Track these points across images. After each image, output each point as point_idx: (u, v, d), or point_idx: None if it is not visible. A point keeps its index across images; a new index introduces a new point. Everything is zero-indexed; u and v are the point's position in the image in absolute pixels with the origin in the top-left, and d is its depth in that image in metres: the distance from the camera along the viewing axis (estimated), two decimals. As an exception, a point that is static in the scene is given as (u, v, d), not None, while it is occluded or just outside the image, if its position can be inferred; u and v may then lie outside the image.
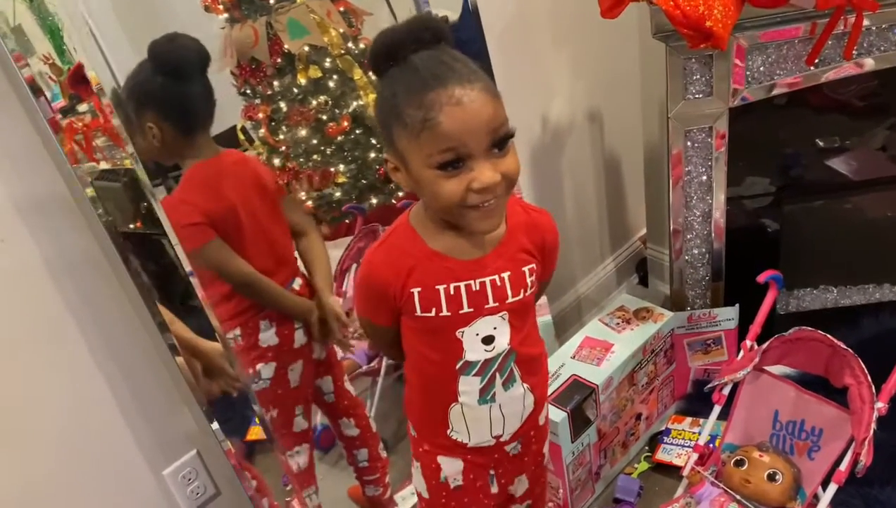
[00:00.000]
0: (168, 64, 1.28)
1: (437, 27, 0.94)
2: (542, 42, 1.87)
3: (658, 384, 1.83)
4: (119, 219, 1.21)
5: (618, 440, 1.78)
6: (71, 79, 1.14)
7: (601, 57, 1.99)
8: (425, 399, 1.17)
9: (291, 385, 1.49)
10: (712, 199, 1.70)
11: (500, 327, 1.08)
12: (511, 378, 1.12)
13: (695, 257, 1.79)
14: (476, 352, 1.08)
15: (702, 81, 1.57)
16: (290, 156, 1.90)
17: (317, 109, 1.84)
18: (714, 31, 1.41)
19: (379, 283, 1.06)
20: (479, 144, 0.91)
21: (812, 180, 1.94)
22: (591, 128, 2.08)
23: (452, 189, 0.93)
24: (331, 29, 1.83)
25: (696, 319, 1.80)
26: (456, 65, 0.92)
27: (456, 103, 0.89)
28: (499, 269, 1.06)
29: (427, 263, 1.04)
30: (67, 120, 1.14)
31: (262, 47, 1.72)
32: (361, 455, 1.70)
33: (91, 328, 1.24)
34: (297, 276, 1.51)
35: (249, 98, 1.83)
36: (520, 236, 1.09)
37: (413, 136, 0.91)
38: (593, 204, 2.19)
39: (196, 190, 1.34)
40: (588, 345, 1.73)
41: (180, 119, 1.32)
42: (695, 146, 1.64)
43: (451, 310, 1.05)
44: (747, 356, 1.45)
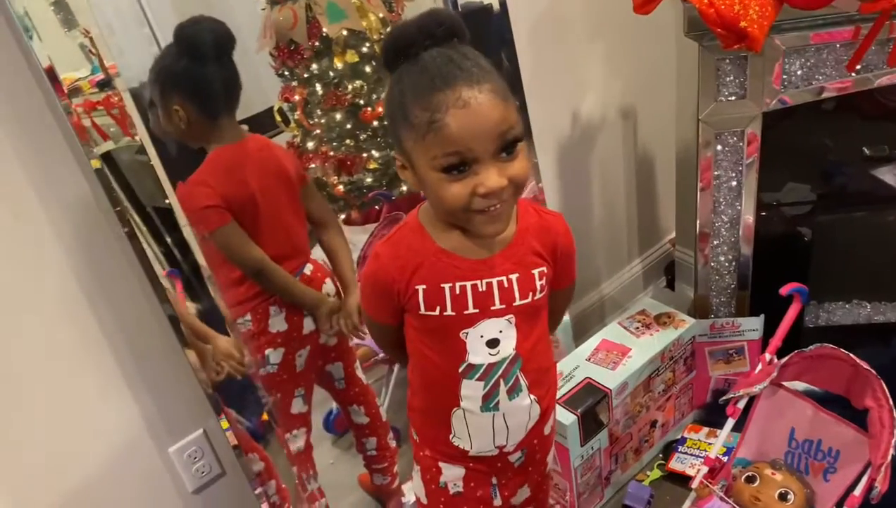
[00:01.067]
0: (193, 47, 1.28)
1: (450, 23, 0.91)
2: (575, 36, 1.83)
3: (676, 391, 1.79)
4: (155, 193, 1.23)
5: (631, 445, 1.74)
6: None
7: (636, 54, 1.94)
8: (427, 403, 1.15)
9: (297, 370, 1.50)
10: (741, 205, 1.65)
11: (505, 330, 1.05)
12: (517, 387, 1.09)
13: (721, 263, 1.74)
14: (480, 355, 1.05)
15: (735, 83, 1.51)
16: (323, 140, 1.90)
17: (352, 93, 1.84)
18: (749, 31, 1.35)
19: (384, 278, 1.04)
20: (485, 149, 0.89)
21: (851, 190, 1.87)
22: (624, 126, 2.03)
23: (457, 193, 0.91)
24: (370, 14, 1.82)
25: (718, 327, 1.75)
26: (465, 63, 0.89)
27: (462, 106, 0.86)
28: (507, 270, 1.04)
29: (434, 260, 1.02)
30: (105, 94, 1.16)
31: (301, 30, 1.72)
32: (370, 443, 1.70)
33: (102, 303, 1.26)
34: (308, 262, 1.51)
35: (287, 80, 1.84)
36: (530, 238, 1.06)
37: (419, 137, 0.89)
38: (622, 203, 2.15)
39: (216, 174, 1.34)
40: (605, 348, 1.70)
41: (205, 102, 1.32)
42: (725, 150, 1.59)
43: (455, 310, 1.02)
44: (765, 370, 1.41)
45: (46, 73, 1.07)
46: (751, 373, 1.43)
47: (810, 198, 1.87)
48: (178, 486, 1.45)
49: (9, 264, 1.16)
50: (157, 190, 1.23)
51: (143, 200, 1.26)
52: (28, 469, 1.26)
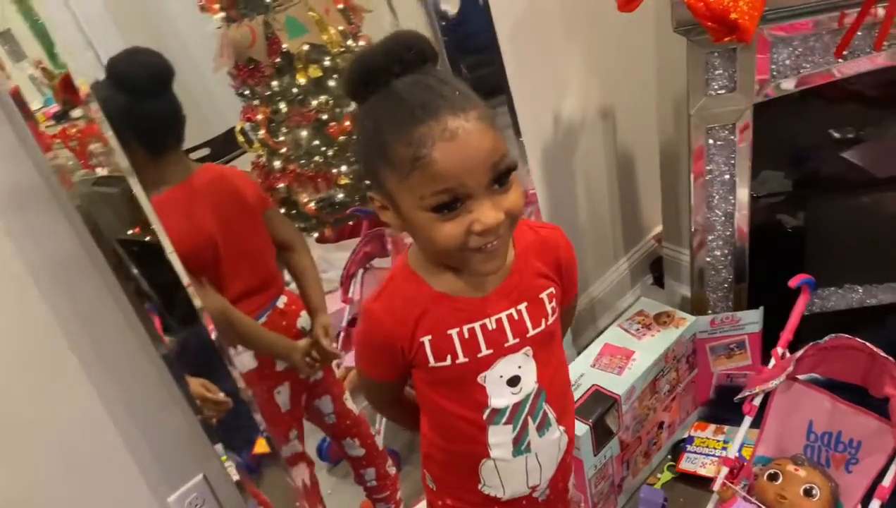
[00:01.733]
0: (130, 82, 1.18)
1: (419, 46, 0.83)
2: (554, 37, 1.79)
3: (680, 390, 1.77)
4: (118, 226, 1.14)
5: (640, 450, 1.71)
6: (63, 83, 1.08)
7: (615, 52, 1.92)
8: (450, 457, 1.06)
9: (282, 409, 1.41)
10: (735, 198, 1.63)
11: (524, 364, 0.97)
12: (546, 422, 1.02)
13: (717, 258, 1.73)
14: (502, 397, 0.97)
15: (724, 76, 1.50)
16: (290, 158, 1.85)
17: (317, 109, 1.80)
18: (739, 23, 1.34)
19: (383, 336, 0.95)
20: (478, 182, 0.80)
21: (834, 176, 1.87)
22: (604, 125, 2.01)
23: (450, 233, 0.82)
24: (330, 27, 1.78)
25: (718, 323, 1.73)
26: (445, 90, 0.80)
27: (450, 138, 0.78)
28: (514, 301, 0.96)
29: (435, 307, 0.93)
30: (61, 126, 1.07)
31: (260, 47, 1.68)
32: (369, 474, 1.64)
33: (87, 345, 1.17)
34: (281, 293, 1.42)
35: (248, 99, 1.79)
36: (531, 259, 0.98)
37: (402, 176, 0.81)
38: (606, 203, 2.12)
39: (165, 223, 1.20)
40: (608, 353, 1.67)
41: (149, 141, 1.21)
42: (717, 144, 1.57)
43: (467, 355, 0.94)
44: (779, 365, 1.39)
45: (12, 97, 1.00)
46: (757, 363, 1.41)
47: (792, 188, 1.87)
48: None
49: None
50: (119, 222, 1.14)
51: (105, 233, 1.16)
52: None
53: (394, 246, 1.98)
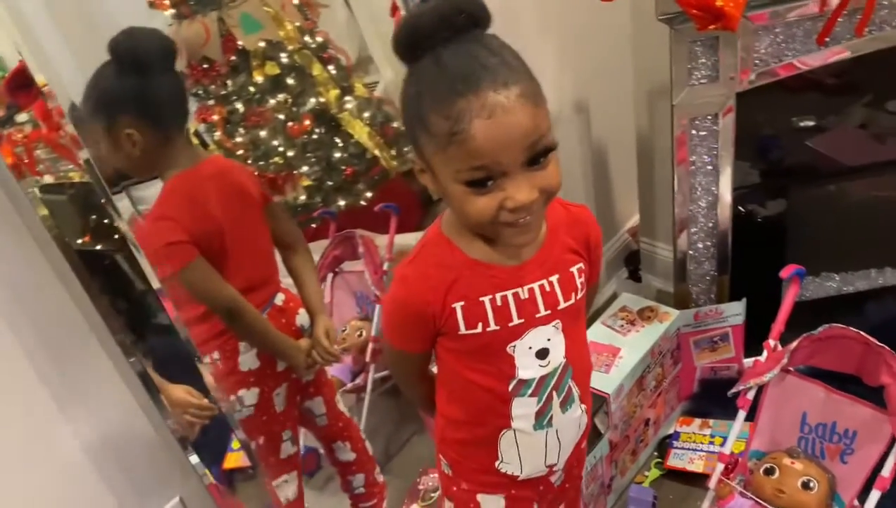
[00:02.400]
0: (137, 60, 1.14)
1: (471, 9, 0.79)
2: (526, 32, 1.75)
3: (666, 385, 1.74)
4: (69, 235, 1.07)
5: (628, 448, 1.68)
6: (7, 86, 1.01)
7: (588, 45, 1.89)
8: (470, 431, 1.03)
9: (277, 410, 1.36)
10: (718, 189, 1.61)
11: (553, 337, 0.96)
12: (569, 398, 1.00)
13: (699, 250, 1.71)
14: (530, 369, 0.96)
15: (707, 66, 1.47)
16: (249, 160, 1.78)
17: (275, 108, 1.74)
18: (725, 10, 1.31)
19: (416, 302, 0.93)
20: (513, 161, 0.79)
21: (805, 165, 1.87)
22: (579, 119, 1.97)
23: (483, 207, 0.82)
24: (286, 22, 1.72)
25: (702, 316, 1.71)
26: (491, 61, 0.77)
27: (488, 115, 0.76)
28: (547, 272, 0.95)
29: (468, 273, 0.92)
30: (7, 131, 1.02)
31: (214, 45, 1.62)
32: (357, 480, 1.58)
33: (51, 369, 1.09)
34: (279, 291, 1.37)
35: (202, 99, 1.72)
36: (562, 234, 0.97)
37: (440, 147, 0.79)
38: (581, 198, 2.09)
39: (177, 205, 1.20)
40: (594, 351, 1.63)
41: (160, 120, 1.19)
42: (699, 134, 1.55)
43: (499, 323, 0.93)
44: (773, 357, 1.37)
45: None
46: (758, 362, 1.39)
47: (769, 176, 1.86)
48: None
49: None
50: (73, 228, 1.09)
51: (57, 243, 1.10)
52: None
53: (365, 248, 1.92)
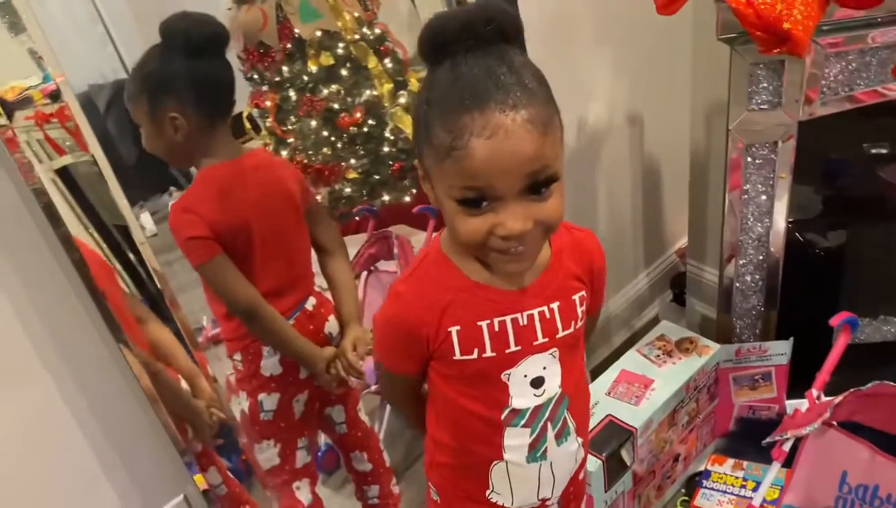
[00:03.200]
0: (187, 43, 1.12)
1: (501, 20, 0.75)
2: (582, 39, 1.68)
3: (699, 421, 1.66)
4: (116, 209, 1.07)
5: (653, 483, 1.60)
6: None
7: (646, 57, 1.80)
8: (460, 458, 0.99)
9: (296, 417, 1.33)
10: (771, 221, 1.51)
11: (550, 366, 0.92)
12: (565, 430, 0.96)
13: (746, 284, 1.61)
14: (524, 398, 0.92)
15: (769, 91, 1.37)
16: (298, 148, 1.76)
17: (328, 98, 1.71)
18: (792, 33, 1.21)
19: (410, 322, 0.89)
20: (509, 187, 0.74)
21: (872, 197, 1.75)
22: (632, 132, 1.89)
23: (472, 228, 0.77)
24: (345, 13, 1.69)
25: (745, 353, 1.62)
26: (507, 80, 0.73)
27: (489, 136, 0.71)
28: (547, 299, 0.90)
29: (466, 295, 0.87)
30: (58, 105, 1.00)
31: (271, 31, 1.60)
32: (372, 491, 1.54)
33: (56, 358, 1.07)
34: (311, 295, 1.33)
35: (257, 84, 1.71)
36: (566, 259, 0.93)
37: (437, 160, 0.75)
38: (628, 215, 2.01)
39: (205, 198, 1.17)
40: (625, 380, 1.56)
41: (208, 105, 1.16)
42: (756, 162, 1.45)
43: (495, 349, 0.89)
44: (815, 409, 1.27)
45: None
46: (798, 412, 1.30)
47: (829, 208, 1.75)
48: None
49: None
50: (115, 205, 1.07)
51: (103, 217, 1.09)
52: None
53: (400, 249, 1.89)
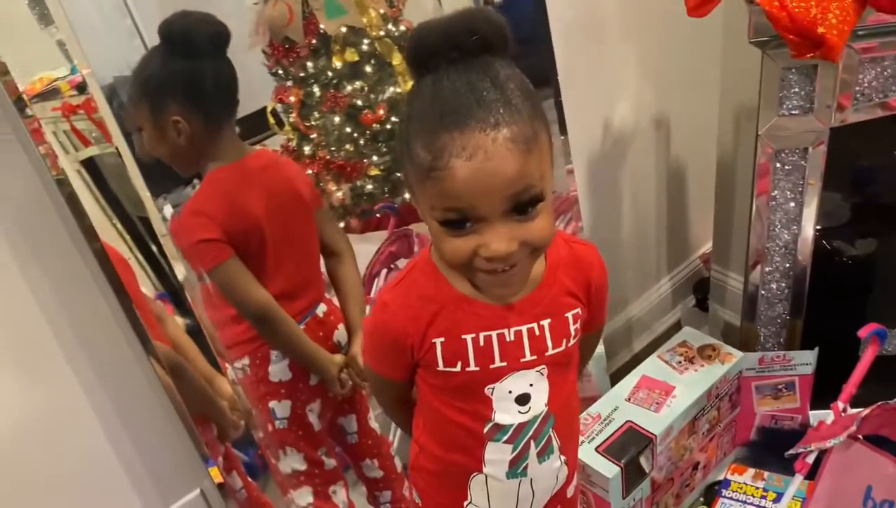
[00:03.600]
0: (187, 43, 1.10)
1: (485, 31, 0.72)
2: (610, 38, 1.66)
3: (720, 430, 1.63)
4: (140, 201, 1.07)
5: (671, 491, 1.58)
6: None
7: (674, 58, 1.78)
8: (441, 467, 0.98)
9: (315, 429, 1.31)
10: (799, 228, 1.48)
11: (536, 383, 0.90)
12: (548, 449, 0.94)
13: (772, 291, 1.58)
14: (508, 414, 0.90)
15: (800, 96, 1.35)
16: (321, 144, 1.75)
17: (352, 94, 1.70)
18: (827, 38, 1.19)
19: (395, 331, 0.88)
20: (493, 208, 0.72)
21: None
22: (657, 134, 1.87)
23: (456, 249, 0.75)
24: (370, 9, 1.68)
25: (768, 361, 1.59)
26: (489, 96, 0.70)
27: (469, 157, 0.69)
28: (538, 315, 0.88)
29: (452, 307, 0.86)
30: (85, 97, 1.00)
31: (297, 26, 1.59)
32: (384, 497, 1.53)
33: (77, 350, 1.07)
34: (321, 301, 1.32)
35: (281, 79, 1.70)
36: (561, 274, 0.90)
37: (418, 178, 0.73)
38: (652, 218, 1.98)
39: (214, 200, 1.16)
40: (646, 386, 1.54)
41: (210, 107, 1.15)
42: (784, 169, 1.43)
43: (479, 364, 0.87)
44: (840, 422, 1.25)
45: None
46: (822, 423, 1.27)
47: (858, 215, 1.72)
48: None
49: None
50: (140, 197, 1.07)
51: (127, 208, 1.10)
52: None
53: (421, 247, 1.88)
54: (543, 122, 0.75)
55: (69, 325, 1.04)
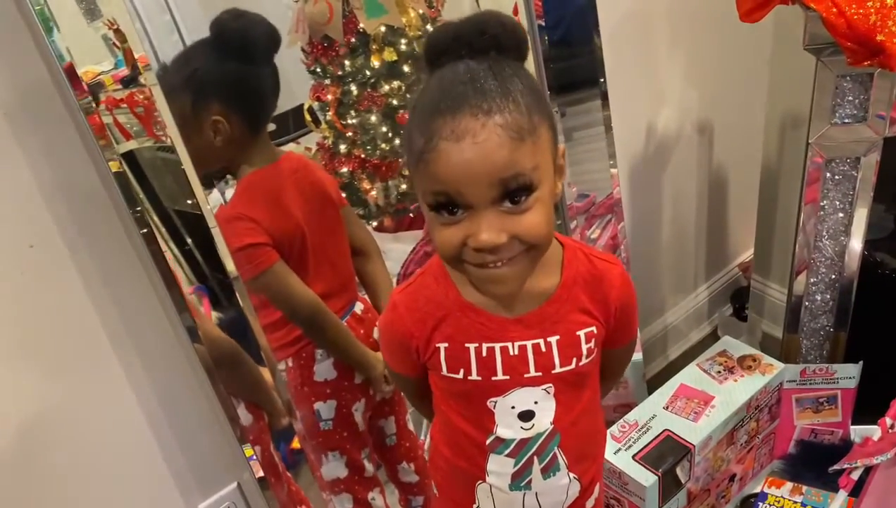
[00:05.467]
0: (242, 45, 1.10)
1: (496, 32, 0.73)
2: (657, 43, 1.64)
3: (758, 441, 1.61)
4: (178, 194, 1.06)
5: (707, 502, 1.56)
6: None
7: (722, 64, 1.75)
8: (451, 468, 0.98)
9: (360, 429, 1.31)
10: (847, 239, 1.45)
11: (542, 401, 0.88)
12: (553, 465, 0.92)
13: (816, 303, 1.55)
14: (510, 429, 0.89)
15: (854, 104, 1.32)
16: (356, 142, 1.76)
17: (389, 94, 1.70)
18: (886, 46, 1.17)
19: (401, 332, 0.89)
20: (480, 195, 0.71)
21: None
22: (701, 140, 1.84)
23: (447, 238, 0.74)
24: (410, 9, 1.68)
25: (810, 374, 1.56)
26: (487, 84, 0.70)
27: (455, 140, 0.69)
28: (545, 331, 0.86)
29: (458, 314, 0.86)
30: (129, 91, 1.00)
31: (336, 25, 1.60)
32: (417, 501, 1.52)
33: (125, 339, 1.09)
34: (357, 299, 1.32)
35: (319, 77, 1.71)
36: (578, 291, 0.88)
37: (413, 164, 0.73)
38: (692, 225, 1.96)
39: (256, 204, 1.15)
40: (684, 395, 1.52)
41: (254, 112, 1.14)
42: (835, 178, 1.40)
43: (481, 374, 0.86)
44: (888, 439, 1.22)
45: (64, 68, 0.91)
46: (868, 440, 1.25)
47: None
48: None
49: (20, 301, 0.99)
50: (180, 190, 1.07)
51: (164, 201, 1.09)
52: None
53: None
54: (547, 118, 0.74)
55: (118, 314, 1.06)
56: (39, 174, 0.95)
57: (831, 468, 1.26)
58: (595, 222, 1.55)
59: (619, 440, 1.42)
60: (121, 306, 1.06)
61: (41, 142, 0.95)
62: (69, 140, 0.96)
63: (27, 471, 1.06)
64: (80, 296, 1.02)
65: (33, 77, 0.92)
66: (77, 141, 0.97)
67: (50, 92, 0.93)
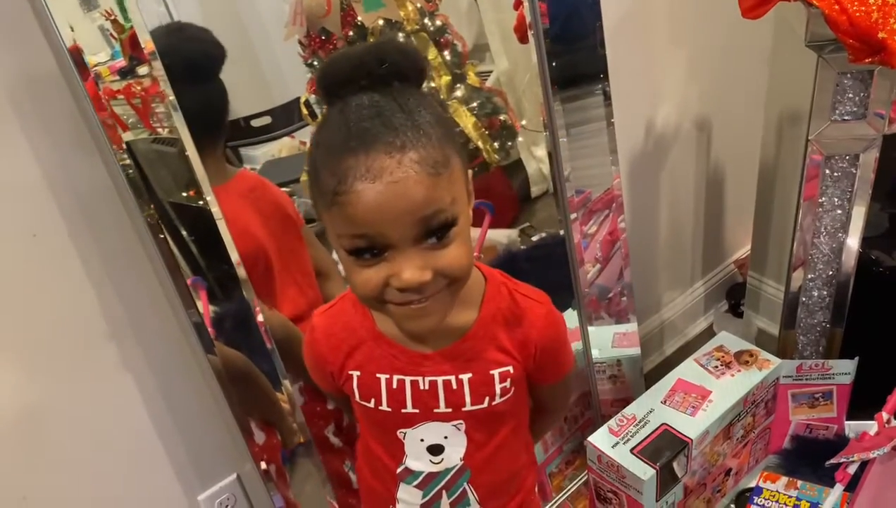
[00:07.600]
0: (180, 64, 1.01)
1: (395, 60, 0.70)
2: (658, 40, 1.64)
3: (754, 436, 1.62)
4: (172, 187, 1.05)
5: (703, 496, 1.57)
6: (131, 39, 0.98)
7: (720, 60, 1.76)
8: (368, 488, 1.00)
9: (337, 446, 1.31)
10: (845, 236, 1.46)
11: (452, 436, 0.88)
12: (463, 500, 0.92)
13: (813, 299, 1.56)
14: (419, 461, 0.89)
15: (854, 101, 1.33)
16: None
17: None
18: (888, 44, 1.17)
19: (317, 357, 0.90)
20: (401, 235, 0.68)
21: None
22: (699, 137, 1.85)
23: (366, 280, 0.71)
24: (408, 3, 1.67)
25: (806, 369, 1.57)
26: (395, 119, 0.67)
27: (372, 180, 0.65)
28: (458, 368, 0.85)
29: (372, 344, 0.86)
30: (126, 82, 0.99)
31: (335, 17, 1.58)
32: None
33: (126, 330, 1.09)
34: None
35: (316, 70, 1.69)
36: (496, 328, 0.86)
37: (325, 206, 0.69)
38: (689, 222, 1.96)
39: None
40: (682, 389, 1.52)
41: (200, 131, 1.05)
42: (834, 175, 1.41)
43: (391, 405, 0.86)
44: (885, 433, 1.23)
45: (71, 53, 0.90)
46: (865, 434, 1.26)
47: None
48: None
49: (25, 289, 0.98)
50: (175, 183, 1.06)
51: (159, 193, 1.07)
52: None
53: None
54: (455, 147, 0.72)
55: (120, 304, 1.05)
56: (43, 162, 0.95)
57: (828, 461, 1.27)
58: (593, 216, 1.56)
59: (617, 433, 1.43)
60: (123, 296, 1.06)
61: (45, 130, 0.94)
62: (74, 128, 0.95)
63: (26, 459, 1.06)
64: (83, 285, 1.02)
65: (39, 65, 0.92)
66: (84, 129, 0.96)
67: (55, 79, 0.92)
